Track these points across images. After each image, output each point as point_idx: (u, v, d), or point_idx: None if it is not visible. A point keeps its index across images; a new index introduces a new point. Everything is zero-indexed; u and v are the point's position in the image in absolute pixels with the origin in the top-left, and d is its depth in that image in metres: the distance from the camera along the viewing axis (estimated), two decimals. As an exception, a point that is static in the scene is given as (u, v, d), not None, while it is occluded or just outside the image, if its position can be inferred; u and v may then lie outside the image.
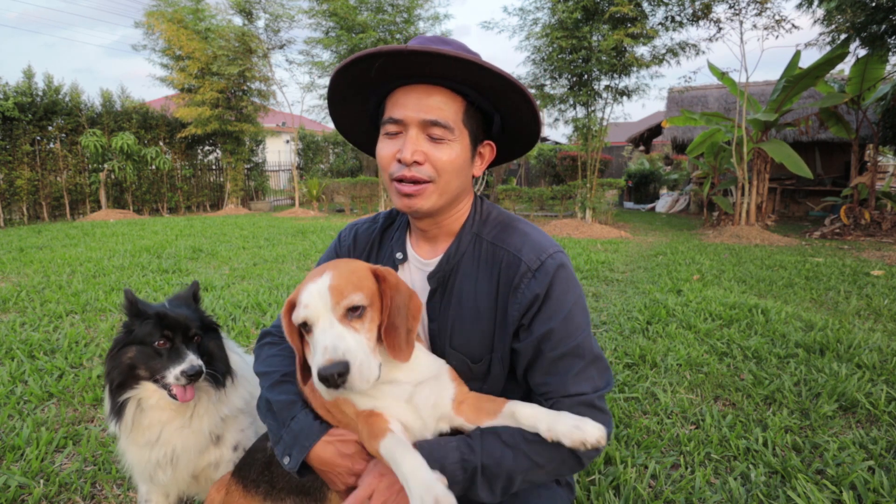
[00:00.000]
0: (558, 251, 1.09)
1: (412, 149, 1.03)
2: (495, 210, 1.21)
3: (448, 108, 1.04)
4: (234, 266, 5.89)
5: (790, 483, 1.83)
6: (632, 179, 17.91)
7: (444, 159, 1.04)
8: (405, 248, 1.22)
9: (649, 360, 3.00)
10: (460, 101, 1.05)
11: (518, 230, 1.14)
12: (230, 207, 15.00)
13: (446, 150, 1.04)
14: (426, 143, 1.04)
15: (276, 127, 22.75)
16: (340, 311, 0.91)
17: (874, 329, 3.57)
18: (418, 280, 1.19)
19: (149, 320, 1.34)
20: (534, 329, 1.05)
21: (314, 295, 0.92)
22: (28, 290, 4.49)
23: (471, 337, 1.12)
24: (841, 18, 8.83)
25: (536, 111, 1.08)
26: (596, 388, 1.04)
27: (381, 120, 1.10)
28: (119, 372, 1.34)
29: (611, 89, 10.13)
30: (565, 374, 1.03)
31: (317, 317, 0.91)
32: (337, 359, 0.85)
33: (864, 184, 9.47)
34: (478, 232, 1.16)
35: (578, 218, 10.77)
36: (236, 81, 13.97)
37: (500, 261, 1.11)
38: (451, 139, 1.04)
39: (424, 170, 1.04)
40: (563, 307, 1.05)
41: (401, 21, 12.36)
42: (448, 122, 1.03)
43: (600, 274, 5.61)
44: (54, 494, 1.79)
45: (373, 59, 0.98)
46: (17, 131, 11.61)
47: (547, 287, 1.05)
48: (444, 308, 1.14)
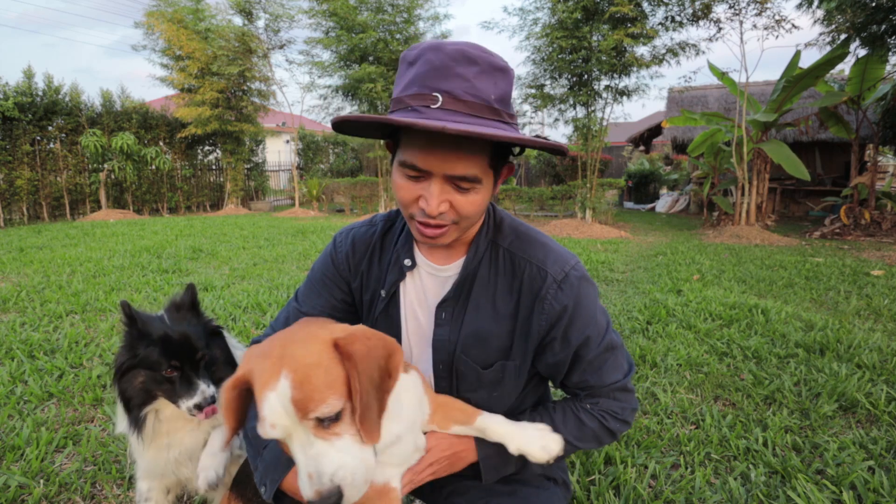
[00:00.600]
0: (578, 262, 1.12)
1: (437, 202, 0.96)
2: (507, 217, 1.20)
3: (475, 161, 0.96)
4: (234, 266, 5.89)
5: (790, 483, 1.84)
6: (632, 179, 17.91)
7: (469, 207, 0.99)
8: (413, 253, 1.18)
9: (649, 360, 3.00)
10: (488, 146, 0.97)
11: (538, 241, 1.14)
12: (230, 207, 15.00)
13: (472, 196, 0.99)
14: (451, 192, 0.98)
15: (276, 127, 22.75)
16: (312, 424, 0.78)
17: (874, 329, 3.57)
18: (432, 285, 1.17)
19: (153, 346, 1.29)
20: (571, 340, 1.09)
21: (278, 411, 0.76)
22: (28, 290, 4.49)
23: (488, 345, 1.12)
24: (841, 18, 8.83)
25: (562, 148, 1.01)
26: (625, 373, 1.15)
27: (397, 147, 1.02)
28: (134, 394, 1.33)
29: (611, 89, 10.13)
30: (601, 370, 1.12)
31: (288, 434, 0.78)
32: (325, 489, 0.75)
33: (864, 184, 9.46)
34: (493, 239, 1.15)
35: (578, 218, 10.77)
36: (236, 81, 13.97)
37: (521, 271, 1.10)
38: (478, 188, 0.99)
39: (448, 216, 1.00)
40: (592, 314, 1.10)
41: (401, 21, 12.35)
42: (476, 175, 0.96)
43: (600, 274, 5.61)
44: (54, 494, 1.79)
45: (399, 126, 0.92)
46: (17, 131, 11.61)
47: (575, 299, 1.07)
48: (458, 314, 1.13)
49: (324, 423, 0.78)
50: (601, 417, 1.12)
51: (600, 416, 1.12)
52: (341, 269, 1.23)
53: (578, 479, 1.86)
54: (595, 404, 1.12)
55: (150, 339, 1.30)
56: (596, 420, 1.11)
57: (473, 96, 0.92)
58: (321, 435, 0.77)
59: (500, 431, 1.01)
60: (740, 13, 8.94)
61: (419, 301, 1.18)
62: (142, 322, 1.31)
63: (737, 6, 8.89)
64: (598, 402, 1.12)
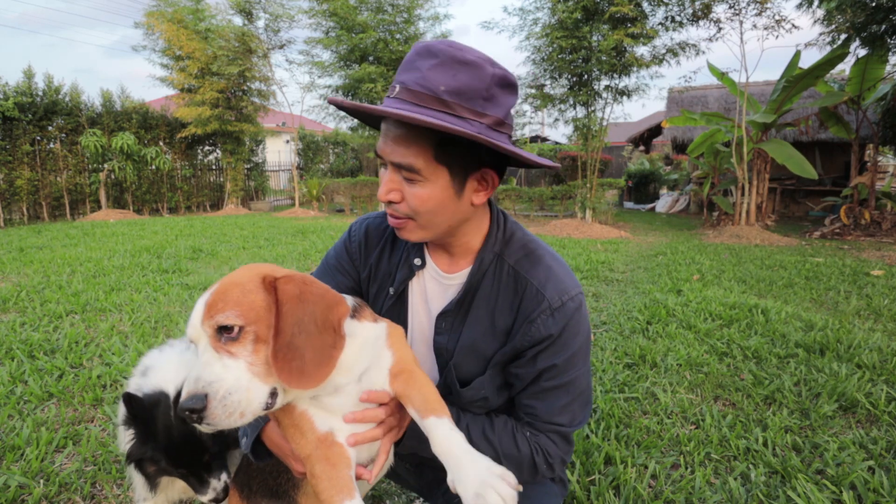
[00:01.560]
0: (579, 292, 1.10)
1: (386, 188, 1.00)
2: (519, 231, 1.17)
3: (414, 151, 0.96)
4: (234, 266, 5.89)
5: (790, 483, 1.84)
6: (632, 179, 17.91)
7: (415, 200, 0.99)
8: (423, 254, 1.18)
9: (649, 360, 3.00)
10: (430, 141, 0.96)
11: (543, 262, 1.12)
12: (230, 207, 15.00)
13: (419, 189, 0.99)
14: (401, 183, 1.00)
15: (276, 127, 22.75)
16: (210, 334, 0.80)
17: (874, 329, 3.57)
18: (435, 291, 1.17)
19: (160, 452, 1.27)
20: (538, 362, 1.08)
21: (195, 314, 0.82)
22: (28, 290, 4.49)
23: (477, 356, 1.12)
24: (841, 18, 8.83)
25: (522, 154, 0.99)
26: (572, 422, 1.10)
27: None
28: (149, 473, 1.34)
29: (611, 89, 10.13)
30: (552, 404, 1.09)
31: (196, 339, 0.82)
32: (194, 391, 0.76)
33: (864, 184, 9.46)
34: (500, 252, 1.13)
35: (578, 218, 10.77)
36: (236, 81, 13.97)
37: (522, 290, 1.10)
38: (420, 179, 0.98)
39: (400, 209, 1.01)
40: (570, 347, 1.08)
41: (401, 21, 12.36)
42: (413, 165, 0.96)
43: (600, 274, 5.61)
44: (54, 494, 1.79)
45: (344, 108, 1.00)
46: (17, 131, 11.61)
47: (562, 328, 1.06)
48: (457, 326, 1.13)
49: (221, 339, 0.80)
50: (534, 449, 1.08)
51: (534, 448, 1.08)
52: (354, 257, 1.25)
53: (578, 479, 1.86)
54: (534, 435, 1.09)
55: (156, 442, 1.26)
56: (528, 448, 1.08)
57: (422, 87, 0.94)
58: (217, 347, 0.80)
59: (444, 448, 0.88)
60: (740, 13, 8.94)
61: (422, 305, 1.19)
62: (144, 423, 1.27)
63: (737, 6, 8.89)
64: (537, 435, 1.09)
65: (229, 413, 0.77)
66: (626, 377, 2.78)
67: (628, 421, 2.32)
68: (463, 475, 0.83)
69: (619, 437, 2.18)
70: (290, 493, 1.09)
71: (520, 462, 1.07)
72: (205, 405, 0.76)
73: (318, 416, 0.92)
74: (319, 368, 0.83)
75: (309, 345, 0.82)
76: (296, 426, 0.91)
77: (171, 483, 1.44)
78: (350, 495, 0.84)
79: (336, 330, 0.86)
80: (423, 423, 0.91)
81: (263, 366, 0.81)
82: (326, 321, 0.85)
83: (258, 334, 0.81)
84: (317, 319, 0.84)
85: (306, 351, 0.82)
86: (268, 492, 1.12)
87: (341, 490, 0.84)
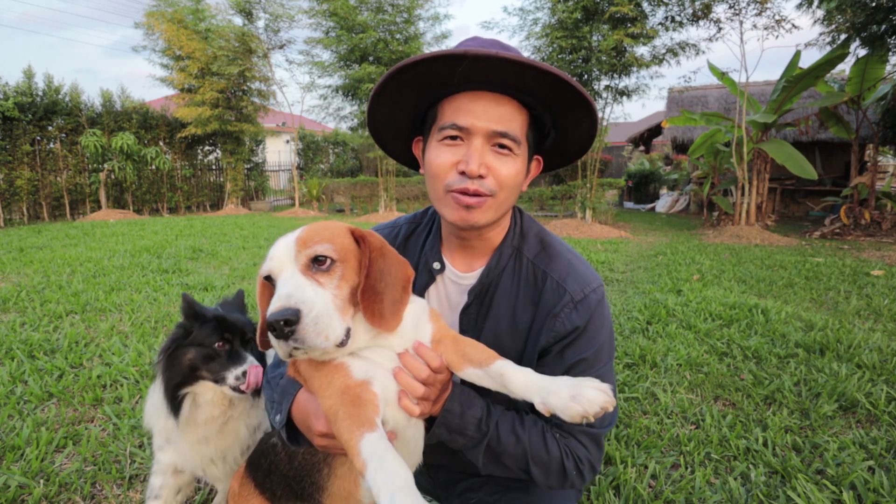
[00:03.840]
0: (600, 285, 1.10)
1: (479, 161, 0.98)
2: (535, 225, 1.19)
3: (516, 119, 1.00)
4: (234, 266, 5.89)
5: (790, 483, 1.83)
6: (632, 179, 17.91)
7: (507, 174, 1.00)
8: (441, 257, 1.18)
9: (649, 360, 3.00)
10: (525, 113, 1.02)
11: (562, 256, 1.13)
12: (230, 207, 15.01)
13: (510, 163, 1.00)
14: (491, 156, 0.99)
15: (276, 127, 22.74)
16: (304, 261, 0.85)
17: (874, 329, 3.57)
18: (454, 293, 1.17)
19: (208, 323, 1.39)
20: (566, 357, 1.06)
21: (280, 247, 0.87)
22: (28, 290, 4.49)
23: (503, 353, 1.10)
24: (841, 18, 8.82)
25: (597, 128, 1.05)
26: (602, 422, 1.07)
27: (433, 125, 1.05)
28: (179, 371, 1.39)
29: (611, 89, 10.14)
30: None
31: (280, 268, 0.85)
32: (288, 306, 0.78)
33: (864, 184, 9.46)
34: (518, 247, 1.14)
35: (578, 218, 10.77)
36: (236, 81, 13.97)
37: (542, 285, 1.10)
38: (516, 153, 1.01)
39: (487, 184, 1.00)
40: (596, 341, 1.07)
41: (401, 21, 12.35)
42: (517, 134, 0.99)
43: (600, 274, 5.61)
44: (54, 494, 1.79)
45: (459, 59, 0.92)
46: (17, 131, 11.61)
47: (587, 321, 1.06)
48: (479, 322, 1.13)
49: (313, 268, 0.85)
50: (564, 452, 1.04)
51: (564, 450, 1.05)
52: None
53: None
54: (563, 438, 1.06)
55: (204, 319, 1.40)
56: (559, 450, 1.04)
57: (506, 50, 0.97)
58: (307, 273, 0.85)
59: (522, 380, 0.87)
60: (740, 13, 8.94)
61: (441, 310, 1.18)
62: (199, 307, 1.42)
63: (737, 6, 8.89)
64: (566, 438, 1.06)
65: (318, 332, 0.80)
66: (626, 377, 2.78)
67: (628, 421, 2.32)
68: (552, 390, 0.82)
69: (619, 437, 2.18)
70: (315, 495, 1.09)
71: (548, 466, 1.03)
72: (298, 318, 0.78)
73: (356, 366, 0.92)
74: (393, 316, 0.89)
75: (386, 292, 0.90)
76: (326, 376, 0.90)
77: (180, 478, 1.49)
78: (371, 428, 0.81)
79: (405, 287, 0.93)
80: (492, 369, 0.91)
81: (343, 302, 0.87)
82: (400, 276, 0.93)
83: (344, 272, 0.88)
84: (393, 272, 0.92)
85: (385, 296, 0.89)
86: (293, 495, 1.13)
87: (362, 425, 0.81)
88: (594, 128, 1.05)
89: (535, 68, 0.92)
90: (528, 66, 0.91)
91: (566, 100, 0.99)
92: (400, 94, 1.04)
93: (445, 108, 1.02)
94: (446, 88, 1.01)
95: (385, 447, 0.77)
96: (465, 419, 1.00)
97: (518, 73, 0.93)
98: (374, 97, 1.05)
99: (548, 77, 0.93)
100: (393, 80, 1.00)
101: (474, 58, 0.91)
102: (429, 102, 1.06)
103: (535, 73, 0.93)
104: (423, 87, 1.02)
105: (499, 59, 0.90)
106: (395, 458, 0.74)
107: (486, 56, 0.90)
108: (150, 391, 1.51)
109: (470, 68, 0.94)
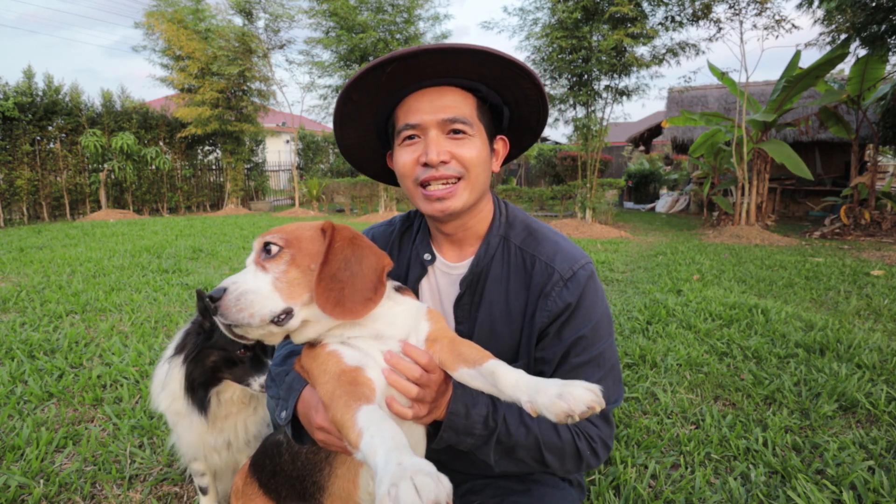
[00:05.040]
0: (588, 262, 1.11)
1: (437, 149, 1.02)
2: (519, 213, 1.22)
3: (462, 104, 1.05)
4: (234, 266, 5.89)
5: (790, 483, 1.83)
6: (632, 179, 17.91)
7: (469, 154, 1.04)
8: (431, 248, 1.20)
9: (649, 360, 3.00)
10: (472, 97, 1.07)
11: (548, 238, 1.15)
12: (230, 207, 15.00)
13: (469, 144, 1.05)
14: (448, 142, 1.04)
15: (276, 127, 22.75)
16: (256, 252, 0.93)
17: (874, 329, 3.57)
18: (444, 284, 1.18)
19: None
20: (564, 337, 1.07)
21: (256, 241, 0.96)
22: (28, 290, 4.49)
23: (500, 341, 1.12)
24: (841, 18, 8.82)
25: (545, 94, 1.09)
26: (609, 398, 1.07)
27: (394, 131, 1.10)
28: (202, 373, 1.44)
29: (611, 89, 10.13)
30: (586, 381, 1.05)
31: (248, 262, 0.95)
32: (220, 286, 0.88)
33: (864, 184, 9.46)
34: (505, 235, 1.16)
35: (578, 218, 10.77)
36: (236, 81, 13.97)
37: (531, 268, 1.11)
38: (471, 134, 1.05)
39: (452, 167, 1.04)
40: (592, 316, 1.08)
41: (401, 21, 12.35)
42: (466, 117, 1.04)
43: (600, 274, 5.61)
44: (54, 494, 1.79)
45: (385, 65, 0.98)
46: (17, 131, 11.61)
47: (578, 296, 1.06)
48: (473, 311, 1.14)
49: (262, 256, 0.92)
50: (575, 434, 1.04)
51: (575, 433, 1.04)
52: None
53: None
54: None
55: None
56: (570, 433, 1.04)
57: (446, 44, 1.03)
58: (256, 262, 0.93)
59: (512, 379, 0.85)
60: (740, 13, 8.94)
61: (434, 303, 1.20)
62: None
63: (737, 6, 8.89)
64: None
65: (240, 308, 0.85)
66: (626, 377, 2.78)
67: (628, 421, 2.32)
68: (541, 389, 0.79)
69: (619, 437, 2.18)
70: (316, 495, 1.10)
71: (562, 451, 1.03)
72: (221, 295, 0.86)
73: (348, 353, 0.94)
74: (357, 305, 0.90)
75: (351, 282, 0.91)
76: (322, 364, 0.93)
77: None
78: (368, 401, 0.80)
79: (379, 278, 0.94)
80: (483, 368, 0.89)
81: (287, 284, 0.90)
82: (371, 266, 0.94)
83: (294, 256, 0.92)
84: (363, 262, 0.94)
85: (346, 286, 0.90)
86: (296, 496, 1.15)
87: (358, 399, 0.81)
88: (542, 96, 1.08)
89: (459, 50, 0.96)
90: (451, 51, 0.96)
91: (504, 74, 1.03)
92: (358, 116, 1.11)
93: (398, 114, 1.07)
94: (393, 97, 1.07)
95: (381, 416, 0.76)
96: (472, 419, 0.99)
97: (444, 59, 0.98)
98: (337, 128, 1.12)
99: (479, 56, 0.98)
100: (347, 106, 1.07)
101: (401, 57, 0.96)
102: (386, 116, 1.11)
103: (463, 56, 0.98)
104: (374, 106, 1.09)
105: (422, 51, 0.95)
106: (391, 425, 0.73)
107: (411, 52, 0.96)
108: (156, 371, 1.57)
109: (400, 69, 0.99)
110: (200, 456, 1.56)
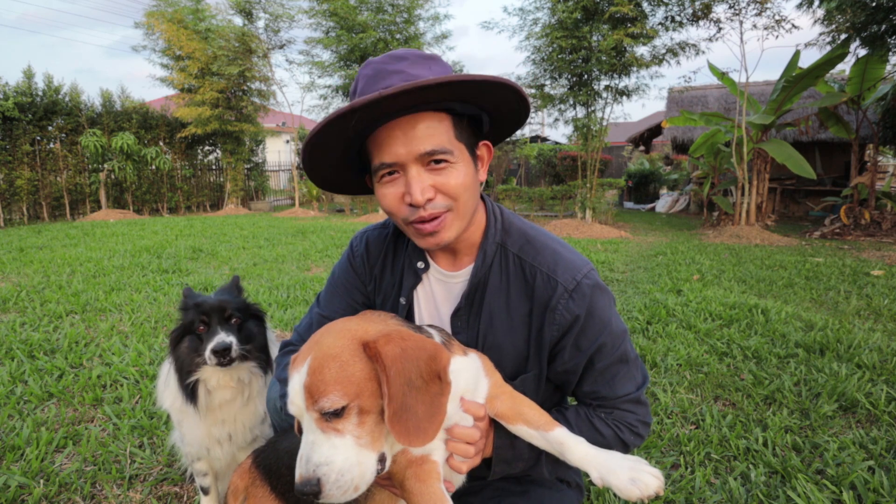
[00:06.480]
0: (591, 269, 1.09)
1: (419, 188, 0.95)
2: (515, 218, 1.18)
3: (438, 129, 0.96)
4: (234, 266, 5.89)
5: (790, 483, 1.83)
6: (632, 179, 17.92)
7: (454, 184, 0.98)
8: (425, 256, 1.17)
9: (649, 360, 3.00)
10: (447, 117, 0.98)
11: (547, 246, 1.11)
12: (230, 207, 15.01)
13: (453, 172, 0.98)
14: (430, 176, 0.97)
15: (276, 127, 22.75)
16: (316, 415, 0.80)
17: (874, 329, 3.57)
18: (440, 292, 1.16)
19: (190, 311, 1.48)
20: (583, 348, 1.07)
21: (295, 391, 0.83)
22: (28, 290, 4.49)
23: (503, 353, 1.10)
24: (841, 18, 8.82)
25: (524, 96, 1.01)
26: (638, 386, 1.12)
27: (370, 167, 1.03)
28: (180, 360, 1.48)
29: (611, 89, 10.14)
30: (613, 380, 1.09)
31: (300, 415, 0.83)
32: (307, 476, 0.77)
33: (864, 184, 9.46)
34: (501, 242, 1.12)
35: (578, 218, 10.77)
36: (236, 81, 13.97)
37: (532, 280, 1.08)
38: (453, 161, 0.98)
39: (439, 202, 0.98)
40: (606, 322, 1.07)
41: (401, 21, 12.36)
42: (444, 146, 0.96)
43: (600, 274, 5.60)
44: (54, 494, 1.79)
45: (349, 115, 0.90)
46: (17, 131, 11.61)
47: (587, 308, 1.05)
48: (473, 323, 1.12)
49: (326, 417, 0.79)
50: (616, 428, 1.08)
51: (615, 427, 1.08)
52: (359, 272, 1.24)
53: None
54: (609, 414, 1.09)
55: (191, 307, 1.50)
56: (610, 429, 1.08)
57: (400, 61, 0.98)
58: (322, 426, 0.80)
59: (581, 453, 0.92)
60: (740, 13, 8.94)
61: (429, 310, 1.18)
62: (191, 297, 1.53)
63: (737, 6, 8.89)
64: (611, 412, 1.09)
65: (344, 491, 0.78)
66: (626, 377, 2.77)
67: (628, 421, 2.32)
68: (612, 469, 0.89)
69: (619, 437, 2.18)
70: None
71: (608, 445, 1.05)
72: (321, 488, 0.77)
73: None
74: (432, 421, 0.82)
75: (419, 401, 0.81)
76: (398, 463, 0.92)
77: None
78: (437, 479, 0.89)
79: (442, 377, 0.85)
80: (550, 437, 0.96)
81: (370, 435, 0.82)
82: (431, 372, 0.84)
83: (362, 406, 0.81)
84: (422, 373, 0.83)
85: (418, 407, 0.81)
86: None
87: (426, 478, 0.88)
88: (522, 97, 1.00)
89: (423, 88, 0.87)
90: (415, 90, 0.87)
91: (476, 90, 0.96)
92: (326, 158, 1.04)
93: (371, 149, 1.00)
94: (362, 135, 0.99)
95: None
96: (517, 448, 1.02)
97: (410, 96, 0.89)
98: (308, 171, 1.06)
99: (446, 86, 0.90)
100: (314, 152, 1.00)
101: (364, 107, 0.88)
102: (357, 148, 1.04)
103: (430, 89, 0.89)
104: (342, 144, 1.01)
105: (384, 98, 0.86)
106: None
107: (373, 101, 0.87)
108: (161, 370, 1.61)
109: (365, 117, 0.91)
110: (204, 454, 1.56)
